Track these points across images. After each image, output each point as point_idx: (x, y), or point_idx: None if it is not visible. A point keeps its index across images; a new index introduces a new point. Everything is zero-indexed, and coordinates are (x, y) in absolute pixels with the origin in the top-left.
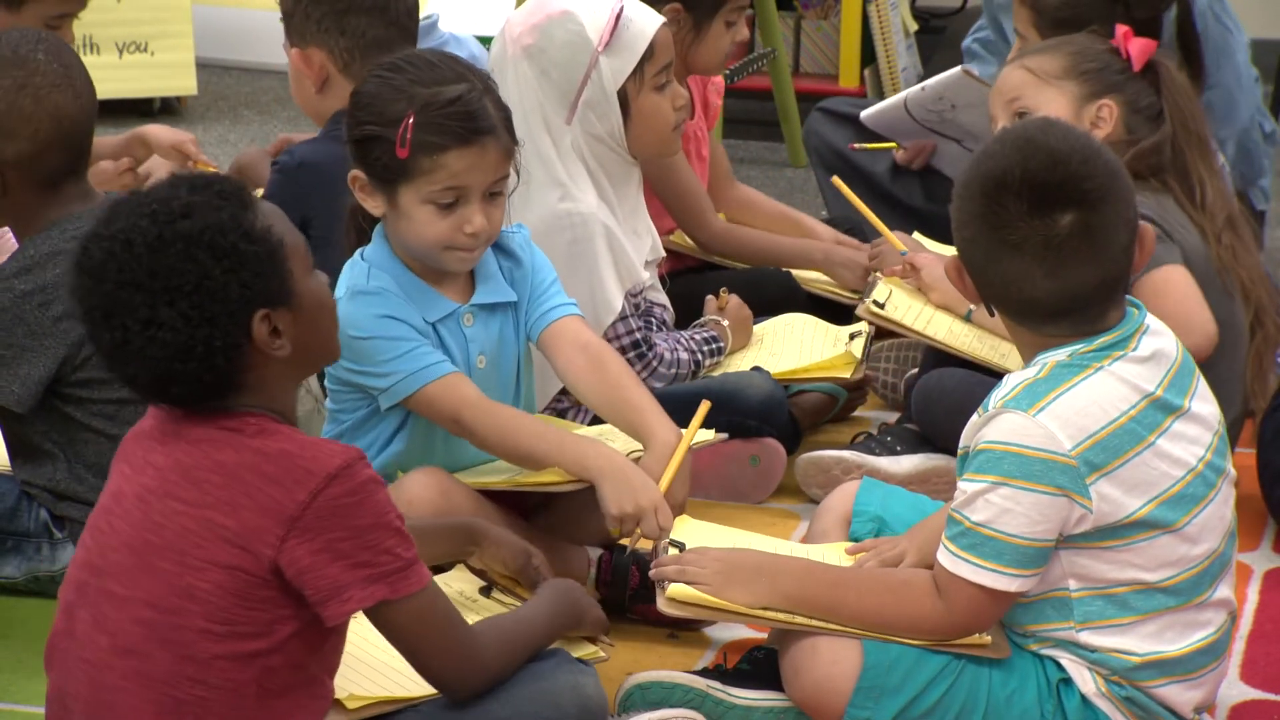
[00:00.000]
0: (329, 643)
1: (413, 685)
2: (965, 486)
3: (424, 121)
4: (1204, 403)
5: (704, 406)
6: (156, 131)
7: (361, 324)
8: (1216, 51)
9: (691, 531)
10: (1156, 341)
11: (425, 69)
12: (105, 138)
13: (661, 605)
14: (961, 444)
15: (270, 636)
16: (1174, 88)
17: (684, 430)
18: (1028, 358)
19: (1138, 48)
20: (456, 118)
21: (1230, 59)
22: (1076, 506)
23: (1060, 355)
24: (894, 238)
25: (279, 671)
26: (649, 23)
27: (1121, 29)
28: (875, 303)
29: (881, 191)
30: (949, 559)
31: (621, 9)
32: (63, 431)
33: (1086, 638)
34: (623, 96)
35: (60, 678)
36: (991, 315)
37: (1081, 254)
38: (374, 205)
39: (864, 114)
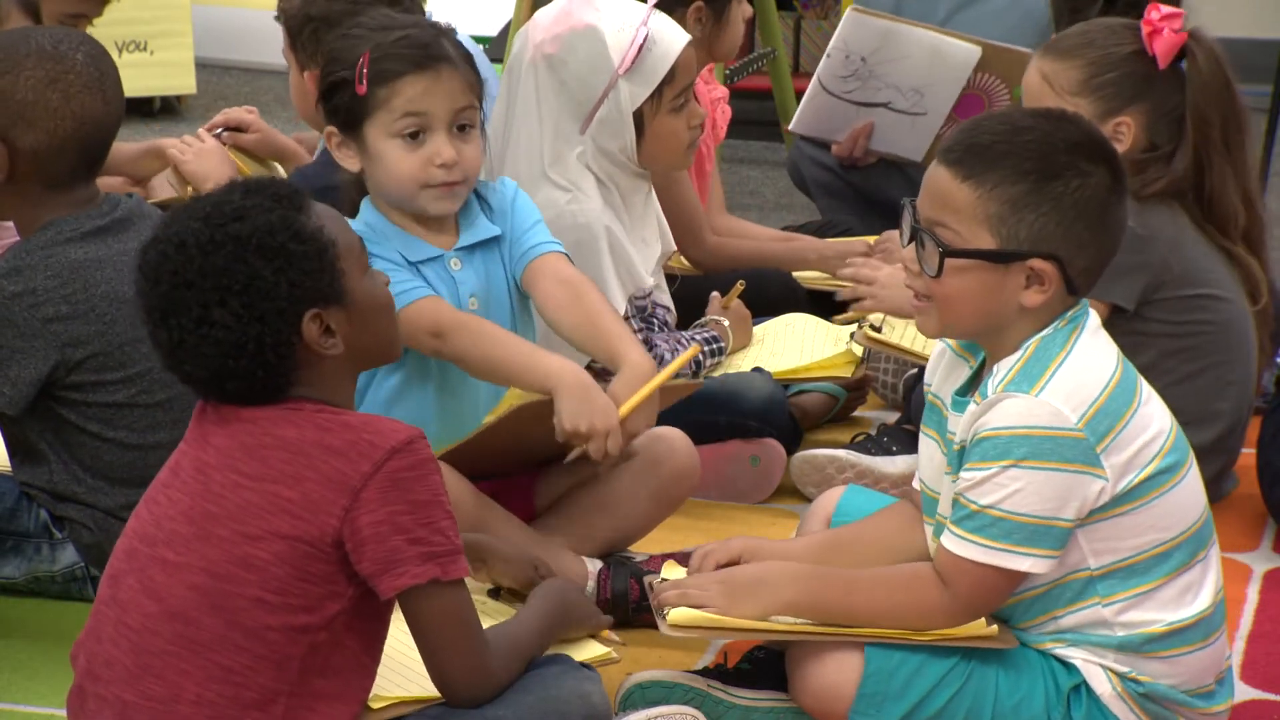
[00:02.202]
0: (373, 627)
1: (433, 686)
2: (970, 475)
3: (378, 55)
4: None
5: (693, 350)
6: (171, 145)
7: None
8: None
9: (682, 575)
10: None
11: (384, 19)
12: (120, 144)
13: (664, 631)
14: (958, 437)
15: (320, 612)
16: (1198, 85)
17: (662, 367)
18: (1010, 348)
19: (1164, 45)
20: (408, 46)
21: None
22: (1094, 480)
23: (1044, 332)
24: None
25: (323, 649)
26: (673, 44)
27: (1147, 26)
28: (872, 326)
29: (875, 201)
30: (955, 542)
31: (647, 35)
32: (57, 434)
33: (1112, 614)
34: (638, 116)
35: (96, 646)
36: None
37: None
38: (349, 159)
39: (792, 124)
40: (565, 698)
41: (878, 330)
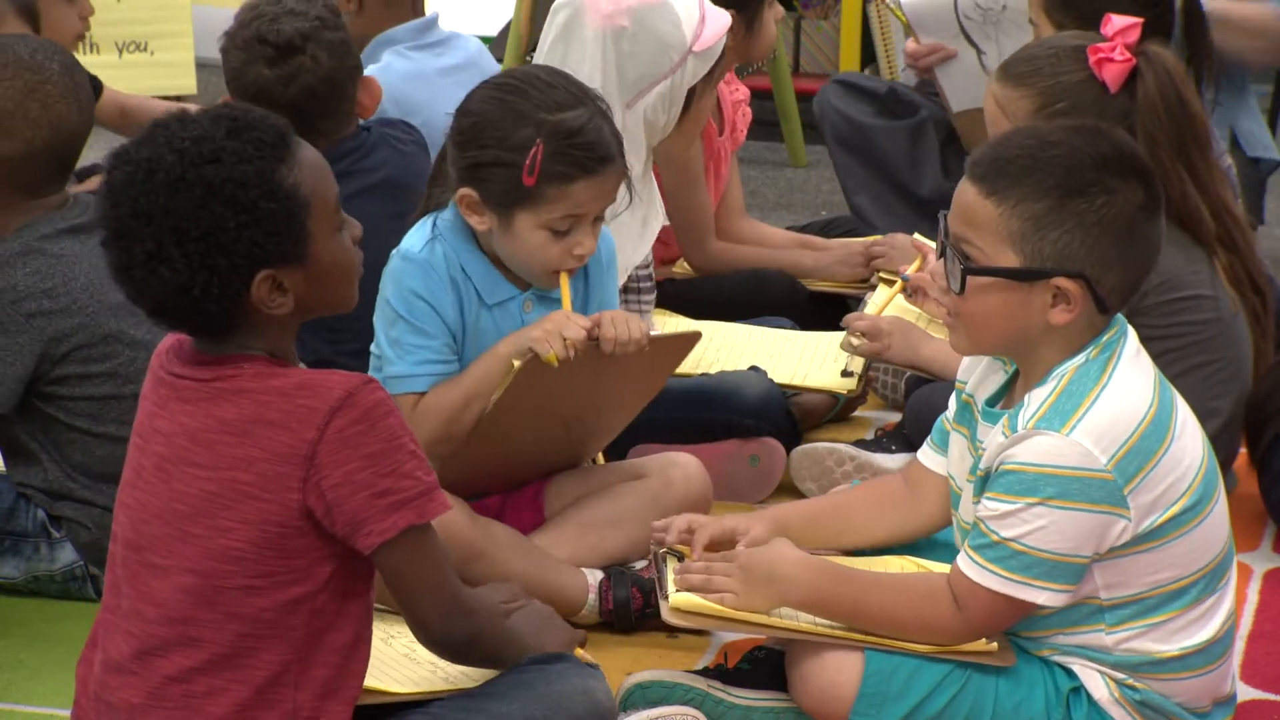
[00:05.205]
0: (370, 569)
1: (408, 682)
2: (994, 506)
3: (553, 150)
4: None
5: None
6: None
7: (398, 292)
8: None
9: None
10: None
11: (545, 90)
12: (155, 101)
13: (666, 616)
14: (984, 463)
15: (312, 579)
16: (1145, 107)
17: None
18: (1043, 366)
19: (1113, 72)
20: (584, 148)
21: None
22: (1118, 520)
23: (1077, 361)
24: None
25: (327, 609)
26: (725, 21)
27: (1095, 54)
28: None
29: (891, 177)
30: (973, 569)
31: (730, 19)
32: (47, 433)
33: (1113, 642)
34: (690, 93)
35: (104, 655)
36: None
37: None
38: (479, 222)
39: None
40: (569, 694)
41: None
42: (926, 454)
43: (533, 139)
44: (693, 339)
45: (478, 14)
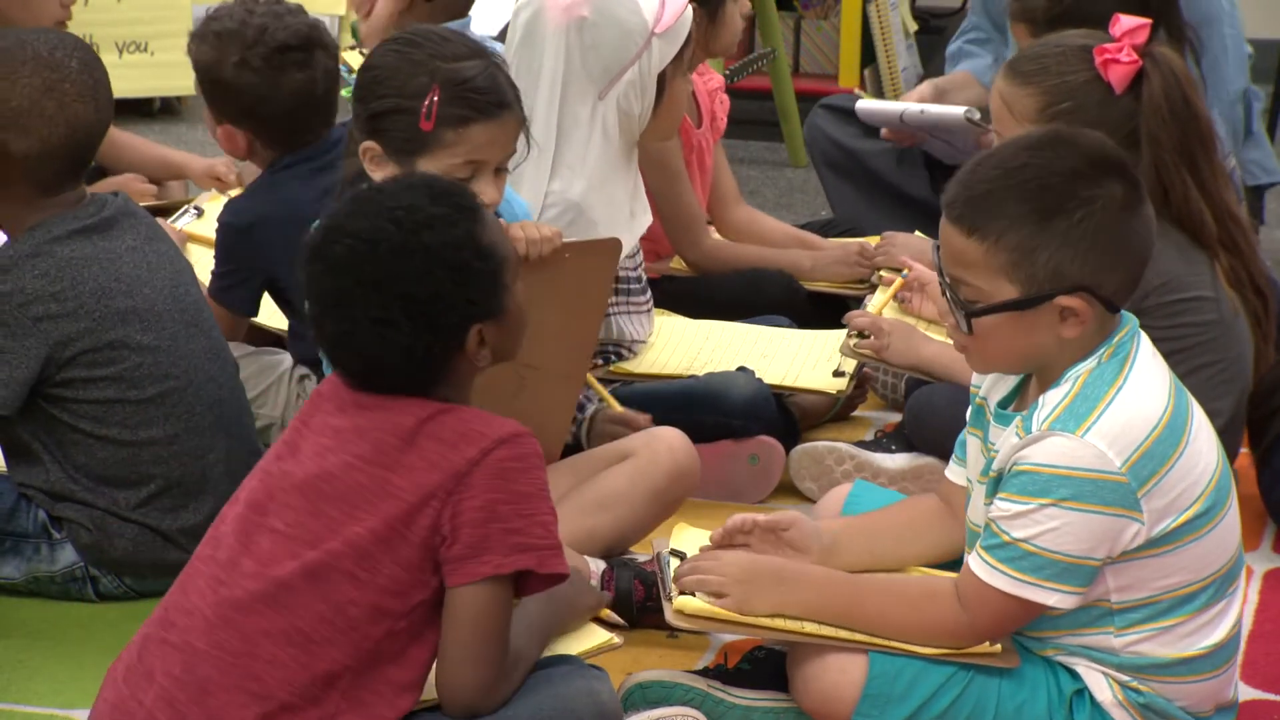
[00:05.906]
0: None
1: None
2: (1007, 506)
3: (449, 95)
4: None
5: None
6: (191, 163)
7: None
8: (1203, 20)
9: (690, 539)
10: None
11: (440, 44)
12: (142, 142)
13: (669, 618)
14: (996, 464)
15: (405, 599)
16: (1150, 108)
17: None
18: (1052, 377)
19: (1119, 74)
20: (480, 92)
21: (1216, 28)
22: (1131, 523)
23: (1089, 364)
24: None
25: (401, 637)
26: (683, 2)
27: (1101, 55)
28: (861, 334)
29: (886, 185)
30: (984, 569)
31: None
32: (50, 434)
33: (1121, 645)
34: (661, 79)
35: (180, 598)
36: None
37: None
38: (383, 176)
39: (859, 105)
40: (574, 695)
41: (866, 337)
42: (953, 470)
43: (428, 85)
44: (614, 246)
45: (477, 14)
